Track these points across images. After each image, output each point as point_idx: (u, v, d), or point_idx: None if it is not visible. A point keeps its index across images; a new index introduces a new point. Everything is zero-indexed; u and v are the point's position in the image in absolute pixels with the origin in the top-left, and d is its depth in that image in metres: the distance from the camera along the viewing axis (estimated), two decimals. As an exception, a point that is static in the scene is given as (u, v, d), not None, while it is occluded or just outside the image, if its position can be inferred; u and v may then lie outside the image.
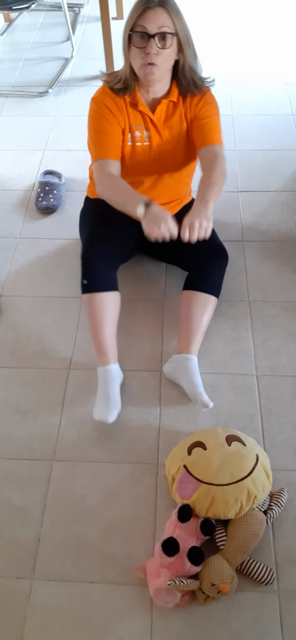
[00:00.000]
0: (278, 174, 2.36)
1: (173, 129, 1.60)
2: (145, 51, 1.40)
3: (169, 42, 1.41)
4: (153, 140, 1.60)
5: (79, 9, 3.61)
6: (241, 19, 3.44)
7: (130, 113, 1.56)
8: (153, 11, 1.38)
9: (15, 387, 1.67)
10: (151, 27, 1.38)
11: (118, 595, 1.26)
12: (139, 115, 1.57)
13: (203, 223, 1.38)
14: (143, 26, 1.39)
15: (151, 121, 1.57)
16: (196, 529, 1.27)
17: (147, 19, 1.38)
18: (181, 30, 1.44)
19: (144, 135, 1.59)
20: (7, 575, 1.30)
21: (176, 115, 1.59)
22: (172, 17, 1.40)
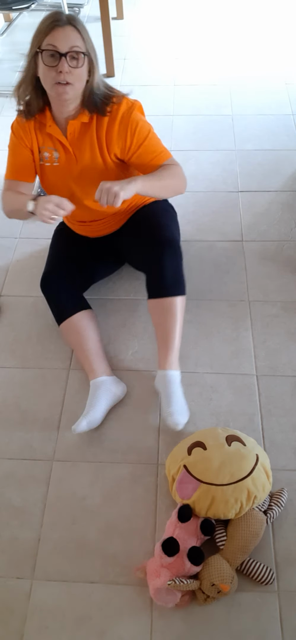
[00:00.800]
0: (278, 174, 2.36)
1: (85, 153, 1.51)
2: (57, 70, 1.33)
3: (81, 61, 1.35)
4: (64, 161, 1.54)
5: (79, 9, 3.61)
6: (241, 19, 3.44)
7: (38, 134, 1.53)
8: (63, 30, 1.32)
9: (15, 387, 1.67)
10: (62, 46, 1.32)
11: (118, 595, 1.26)
12: (47, 137, 1.52)
13: (113, 187, 1.33)
14: (53, 45, 1.32)
15: (60, 143, 1.51)
16: (196, 529, 1.27)
17: (57, 38, 1.31)
18: (91, 50, 1.39)
19: (54, 156, 1.54)
20: (7, 575, 1.30)
21: (89, 139, 1.49)
22: (82, 35, 1.35)
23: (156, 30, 3.37)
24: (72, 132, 1.48)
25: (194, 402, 1.61)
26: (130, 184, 1.36)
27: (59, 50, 1.32)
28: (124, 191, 1.34)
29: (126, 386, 1.63)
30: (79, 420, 1.47)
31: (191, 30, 3.36)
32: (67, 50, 1.32)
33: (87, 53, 1.37)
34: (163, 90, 2.89)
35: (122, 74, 3.03)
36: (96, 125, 1.48)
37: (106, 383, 1.56)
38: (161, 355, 1.56)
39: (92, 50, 1.40)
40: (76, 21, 1.35)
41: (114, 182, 1.35)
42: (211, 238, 2.10)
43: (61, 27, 1.32)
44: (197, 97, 2.83)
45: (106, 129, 1.47)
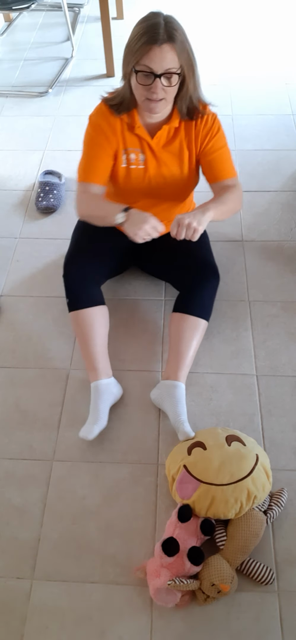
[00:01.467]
0: (278, 174, 2.36)
1: (172, 155, 1.54)
2: (149, 89, 1.34)
3: (174, 80, 1.35)
4: (149, 164, 1.55)
5: (79, 9, 3.61)
6: (241, 19, 3.44)
7: (126, 135, 1.51)
8: (160, 50, 1.28)
9: (15, 387, 1.67)
10: (157, 68, 1.30)
11: (118, 595, 1.26)
12: (135, 137, 1.51)
13: (192, 223, 1.35)
14: (149, 67, 1.30)
15: (148, 145, 1.52)
16: (196, 529, 1.27)
17: (153, 59, 1.29)
18: (187, 63, 1.36)
19: (140, 158, 1.53)
20: (7, 575, 1.30)
21: (177, 142, 1.53)
22: (178, 52, 1.31)
23: (156, 30, 3.37)
24: (159, 136, 1.49)
25: (194, 402, 1.61)
26: (205, 216, 1.39)
27: (154, 72, 1.30)
28: (202, 225, 1.38)
29: (123, 388, 1.63)
30: (89, 427, 1.46)
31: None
32: (162, 72, 1.31)
33: (182, 72, 1.35)
34: (163, 90, 2.89)
35: (122, 74, 3.03)
36: (185, 129, 1.51)
37: (109, 386, 1.56)
38: (173, 366, 1.56)
39: (188, 62, 1.36)
40: (175, 37, 1.30)
41: (190, 216, 1.37)
42: (211, 238, 2.10)
43: (158, 46, 1.28)
44: (197, 97, 2.83)
45: (194, 129, 1.51)
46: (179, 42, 1.30)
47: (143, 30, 1.29)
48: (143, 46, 1.28)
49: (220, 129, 1.54)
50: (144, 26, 1.29)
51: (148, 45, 1.28)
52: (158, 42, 1.27)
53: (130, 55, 1.33)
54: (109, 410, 1.58)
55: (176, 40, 1.30)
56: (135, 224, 1.38)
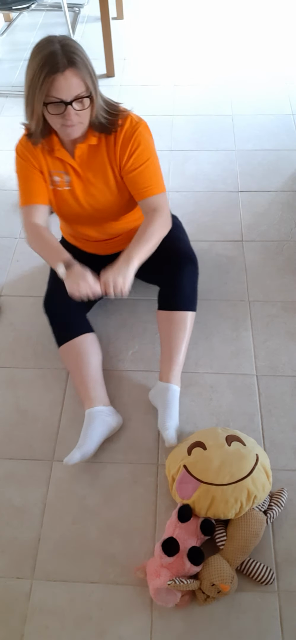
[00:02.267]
0: (278, 174, 2.36)
1: (96, 173, 1.47)
2: (63, 117, 1.28)
3: (86, 103, 1.29)
4: (75, 185, 1.48)
5: (79, 9, 3.61)
6: (241, 19, 3.44)
7: (48, 158, 1.46)
8: (64, 77, 1.22)
9: (15, 387, 1.67)
10: (65, 96, 1.24)
11: (118, 595, 1.26)
12: (57, 160, 1.45)
13: (118, 281, 1.33)
14: (57, 97, 1.24)
15: (71, 166, 1.45)
16: (196, 529, 1.27)
17: (60, 88, 1.23)
18: (91, 81, 1.28)
19: (65, 180, 1.47)
20: (7, 575, 1.30)
21: (98, 159, 1.45)
22: (83, 75, 1.25)
23: (156, 30, 3.37)
24: (80, 155, 1.43)
25: (194, 402, 1.61)
26: (129, 269, 1.36)
27: (64, 100, 1.25)
28: (128, 279, 1.35)
29: (122, 419, 1.56)
30: (72, 452, 1.40)
31: (191, 30, 3.36)
32: (72, 99, 1.26)
33: (91, 93, 1.29)
34: (163, 90, 2.89)
35: (122, 74, 3.03)
36: (106, 145, 1.43)
37: (102, 413, 1.49)
38: (165, 367, 1.54)
39: (93, 80, 1.30)
40: (75, 59, 1.23)
41: (114, 273, 1.34)
42: (211, 238, 2.10)
43: (61, 73, 1.22)
44: (197, 97, 2.83)
45: (114, 146, 1.43)
46: (81, 64, 1.24)
47: (42, 62, 1.22)
48: (46, 78, 1.22)
49: (143, 142, 1.42)
50: (41, 57, 1.22)
51: (51, 76, 1.22)
52: (59, 69, 1.21)
53: (36, 91, 1.25)
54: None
55: (78, 63, 1.24)
56: (73, 281, 1.35)
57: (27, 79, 1.27)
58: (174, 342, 1.54)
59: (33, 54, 1.25)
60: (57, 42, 1.23)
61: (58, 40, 1.24)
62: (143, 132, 1.42)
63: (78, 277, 1.35)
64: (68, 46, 1.24)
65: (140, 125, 1.42)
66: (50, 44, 1.23)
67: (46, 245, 1.46)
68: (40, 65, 1.22)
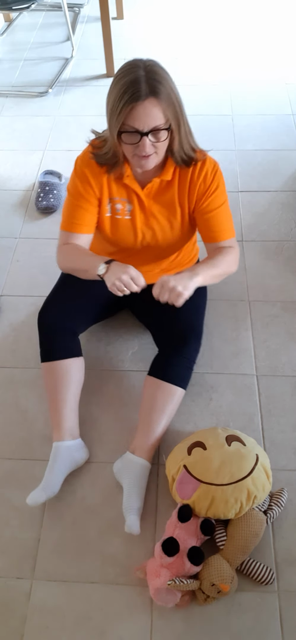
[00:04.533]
0: (278, 174, 2.36)
1: (162, 208, 1.41)
2: (137, 147, 1.22)
3: (163, 135, 1.22)
4: (136, 215, 1.42)
5: (79, 9, 3.61)
6: (241, 19, 3.44)
7: (112, 184, 1.39)
8: (143, 107, 1.16)
9: (16, 387, 1.67)
10: (142, 126, 1.18)
11: (118, 595, 1.26)
12: (123, 187, 1.39)
13: (177, 287, 1.24)
14: (133, 127, 1.19)
15: (136, 195, 1.39)
16: (196, 529, 1.27)
17: (137, 118, 1.17)
18: (174, 115, 1.23)
19: (126, 208, 1.41)
20: (7, 575, 1.30)
21: (169, 195, 1.40)
22: (164, 107, 1.18)
23: (156, 30, 3.37)
24: (149, 188, 1.37)
25: (194, 402, 1.61)
26: (192, 281, 1.28)
27: (140, 131, 1.19)
28: (188, 291, 1.26)
29: (88, 452, 1.49)
30: (37, 492, 1.33)
31: (191, 30, 3.36)
32: (148, 130, 1.19)
33: (170, 126, 1.23)
34: (163, 90, 2.89)
35: (122, 74, 3.03)
36: (178, 181, 1.37)
37: (70, 449, 1.43)
38: (140, 439, 1.43)
39: (175, 115, 1.23)
40: (158, 91, 1.16)
41: (176, 279, 1.26)
42: (211, 238, 2.10)
43: (141, 102, 1.15)
44: (197, 97, 2.83)
45: (189, 182, 1.37)
46: (164, 95, 1.18)
47: (124, 88, 1.16)
48: (125, 106, 1.16)
49: (220, 185, 1.40)
50: (124, 83, 1.16)
51: (130, 105, 1.16)
52: (140, 98, 1.15)
53: (114, 118, 1.20)
54: (109, 411, 1.58)
55: (160, 93, 1.17)
56: (114, 275, 1.27)
57: (108, 105, 1.22)
58: (158, 413, 1.44)
59: (116, 79, 1.19)
60: (143, 68, 1.17)
61: (144, 65, 1.18)
62: (221, 176, 1.39)
63: (119, 270, 1.27)
64: (153, 73, 1.17)
65: (218, 168, 1.39)
66: (135, 68, 1.17)
67: (84, 256, 1.39)
68: (121, 92, 1.16)
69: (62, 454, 1.41)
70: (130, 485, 1.37)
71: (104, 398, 1.64)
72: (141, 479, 1.38)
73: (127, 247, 1.49)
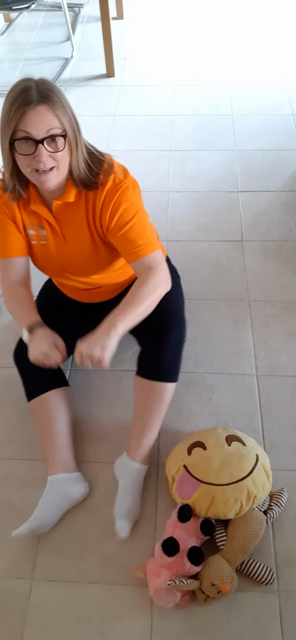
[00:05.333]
0: (278, 174, 2.36)
1: (74, 232, 1.33)
2: (34, 158, 1.14)
3: (61, 143, 1.15)
4: (51, 240, 1.36)
5: (79, 9, 3.61)
6: (241, 19, 3.44)
7: (22, 212, 1.33)
8: (35, 111, 1.10)
9: (15, 387, 1.67)
10: (36, 132, 1.11)
11: (118, 595, 1.26)
12: (32, 213, 1.33)
13: (95, 354, 1.17)
14: (26, 131, 1.11)
15: (46, 220, 1.33)
16: (196, 529, 1.27)
17: (29, 123, 1.11)
18: (70, 126, 1.16)
19: (41, 234, 1.35)
20: (7, 575, 1.30)
21: (77, 218, 1.31)
22: (58, 114, 1.13)
23: (156, 30, 3.37)
24: (57, 210, 1.30)
25: (194, 402, 1.61)
26: (110, 337, 1.18)
27: (34, 137, 1.12)
28: (107, 350, 1.18)
29: (88, 485, 1.43)
30: (23, 526, 1.29)
31: (191, 30, 3.36)
32: (43, 136, 1.12)
33: (67, 133, 1.16)
34: (163, 90, 2.89)
35: (122, 74, 3.03)
36: (85, 202, 1.29)
37: (64, 482, 1.38)
38: (135, 442, 1.41)
39: (72, 124, 1.18)
40: (49, 95, 1.12)
41: (90, 343, 1.19)
42: (211, 238, 2.10)
43: (32, 108, 1.10)
44: (197, 97, 2.83)
45: (93, 206, 1.29)
46: (57, 102, 1.13)
47: (14, 97, 1.11)
48: (16, 112, 1.10)
49: (124, 200, 1.26)
50: (14, 93, 1.12)
51: (21, 109, 1.10)
52: (31, 103, 1.10)
53: (6, 128, 1.13)
54: (110, 411, 1.58)
55: (53, 101, 1.12)
56: (33, 349, 1.27)
57: (2, 114, 1.14)
58: (149, 415, 1.41)
59: (8, 92, 1.14)
60: (34, 81, 1.14)
61: (35, 80, 1.15)
62: (126, 191, 1.27)
63: (37, 345, 1.27)
64: (45, 83, 1.14)
65: (123, 185, 1.26)
66: (26, 80, 1.14)
67: (17, 307, 1.38)
68: (12, 99, 1.11)
69: (54, 488, 1.38)
70: (123, 487, 1.38)
71: (104, 398, 1.64)
72: (134, 482, 1.38)
73: (53, 271, 1.44)
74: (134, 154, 2.51)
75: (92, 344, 1.18)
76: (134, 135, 2.61)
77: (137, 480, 1.39)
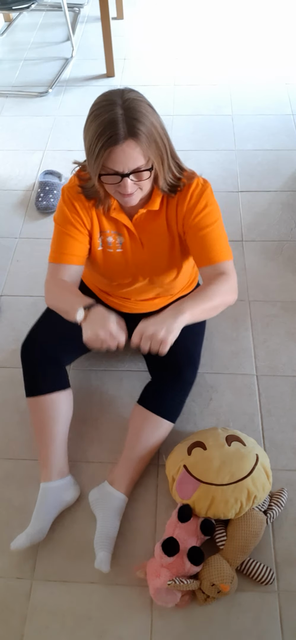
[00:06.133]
0: (278, 174, 2.36)
1: (152, 237, 1.33)
2: (119, 187, 1.15)
3: (145, 175, 1.14)
4: (128, 247, 1.35)
5: (79, 9, 3.61)
6: (241, 19, 3.44)
7: (101, 217, 1.31)
8: (122, 149, 1.07)
9: (15, 387, 1.67)
10: (122, 168, 1.10)
11: (118, 595, 1.26)
12: (111, 220, 1.32)
13: (158, 334, 1.11)
14: (113, 169, 1.11)
15: (126, 227, 1.32)
16: (196, 529, 1.27)
17: (116, 160, 1.09)
18: (156, 154, 1.13)
19: (118, 241, 1.34)
20: (7, 575, 1.30)
21: (158, 224, 1.31)
22: (145, 148, 1.09)
23: (156, 30, 3.37)
24: (137, 219, 1.30)
25: (194, 402, 1.61)
26: (176, 321, 1.14)
27: (120, 173, 1.11)
28: (173, 334, 1.12)
29: (80, 488, 1.43)
30: (20, 536, 1.28)
31: (191, 30, 3.36)
32: (129, 172, 1.11)
33: (153, 166, 1.14)
34: (163, 90, 2.89)
35: (122, 74, 3.03)
36: (166, 208, 1.30)
37: (58, 489, 1.36)
38: (121, 471, 1.37)
39: (160, 149, 1.14)
40: (137, 128, 1.07)
41: (156, 322, 1.13)
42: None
43: (120, 145, 1.07)
44: (197, 97, 2.83)
45: (176, 207, 1.28)
46: (144, 135, 1.08)
47: (101, 129, 1.07)
48: (103, 150, 1.08)
49: (210, 203, 1.28)
50: (101, 123, 1.07)
51: (108, 149, 1.07)
52: (118, 142, 1.06)
53: (92, 160, 1.12)
54: (110, 411, 1.58)
55: (140, 134, 1.07)
56: (91, 326, 1.15)
57: (85, 143, 1.13)
58: (141, 447, 1.38)
59: (92, 115, 1.11)
60: (121, 105, 1.07)
61: (122, 100, 1.08)
62: (211, 194, 1.29)
63: (98, 322, 1.14)
64: (132, 111, 1.07)
65: (208, 187, 1.28)
66: (112, 106, 1.07)
67: (66, 293, 1.29)
68: (98, 133, 1.07)
69: (49, 496, 1.35)
70: (104, 519, 1.32)
71: (104, 398, 1.64)
72: (116, 513, 1.33)
73: (120, 279, 1.42)
74: (134, 154, 2.51)
75: (157, 324, 1.13)
76: (134, 135, 2.61)
77: (119, 510, 1.34)
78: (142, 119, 1.08)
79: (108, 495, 1.35)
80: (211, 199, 1.29)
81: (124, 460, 1.39)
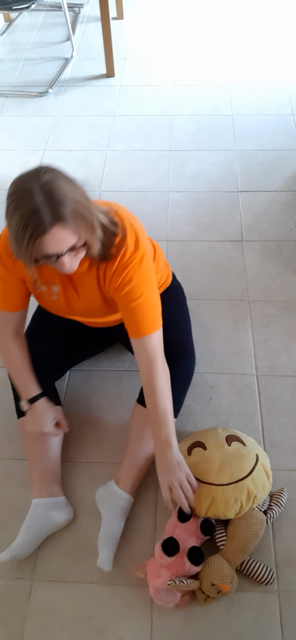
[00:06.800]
0: (278, 174, 2.36)
1: (87, 291, 1.29)
2: (56, 265, 1.10)
3: (81, 249, 1.11)
4: (63, 295, 1.32)
5: (79, 9, 3.61)
6: (241, 19, 3.44)
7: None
8: (51, 235, 1.01)
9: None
10: (57, 251, 1.05)
11: (118, 595, 1.26)
12: (45, 272, 1.27)
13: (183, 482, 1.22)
14: (47, 254, 1.05)
15: (60, 280, 1.28)
16: (196, 529, 1.27)
17: (48, 246, 1.03)
18: (86, 228, 1.07)
19: (53, 290, 1.30)
20: (7, 575, 1.30)
21: (89, 281, 1.27)
22: (74, 226, 1.03)
23: (156, 30, 3.37)
24: (71, 274, 1.26)
25: (194, 402, 1.61)
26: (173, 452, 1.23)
27: (55, 254, 1.06)
28: (182, 462, 1.23)
29: (73, 511, 1.39)
30: (4, 552, 1.26)
31: (191, 30, 3.35)
32: (61, 251, 1.06)
33: (86, 241, 1.10)
34: (163, 90, 2.89)
35: (122, 74, 3.03)
36: (97, 271, 1.25)
37: (47, 507, 1.34)
38: (126, 471, 1.38)
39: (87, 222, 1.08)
40: (61, 210, 1.00)
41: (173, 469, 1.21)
42: (211, 238, 2.10)
43: (48, 232, 1.00)
44: (197, 97, 2.83)
45: (105, 274, 1.24)
46: (69, 215, 1.02)
47: (25, 220, 0.99)
48: (31, 241, 1.01)
49: (135, 277, 1.21)
50: (23, 214, 0.99)
51: (37, 239, 1.01)
52: (46, 230, 1.00)
53: (22, 250, 1.03)
54: (110, 411, 1.58)
55: (66, 216, 1.01)
56: (30, 423, 1.36)
57: (11, 232, 1.03)
58: (144, 447, 1.38)
59: (11, 206, 1.01)
60: (39, 190, 0.99)
61: (39, 185, 1.00)
62: (137, 266, 1.21)
63: (36, 421, 1.34)
64: (52, 194, 1.00)
65: (135, 258, 1.20)
66: (29, 194, 0.99)
67: (17, 369, 1.37)
68: (22, 224, 0.99)
69: (37, 512, 1.33)
70: (109, 518, 1.32)
71: (104, 398, 1.64)
72: (121, 513, 1.33)
73: (66, 315, 1.41)
74: (134, 154, 2.51)
75: (174, 471, 1.22)
76: (134, 135, 2.61)
77: (125, 509, 1.34)
78: (65, 200, 1.01)
79: (114, 495, 1.35)
80: (138, 272, 1.21)
81: (129, 461, 1.39)
